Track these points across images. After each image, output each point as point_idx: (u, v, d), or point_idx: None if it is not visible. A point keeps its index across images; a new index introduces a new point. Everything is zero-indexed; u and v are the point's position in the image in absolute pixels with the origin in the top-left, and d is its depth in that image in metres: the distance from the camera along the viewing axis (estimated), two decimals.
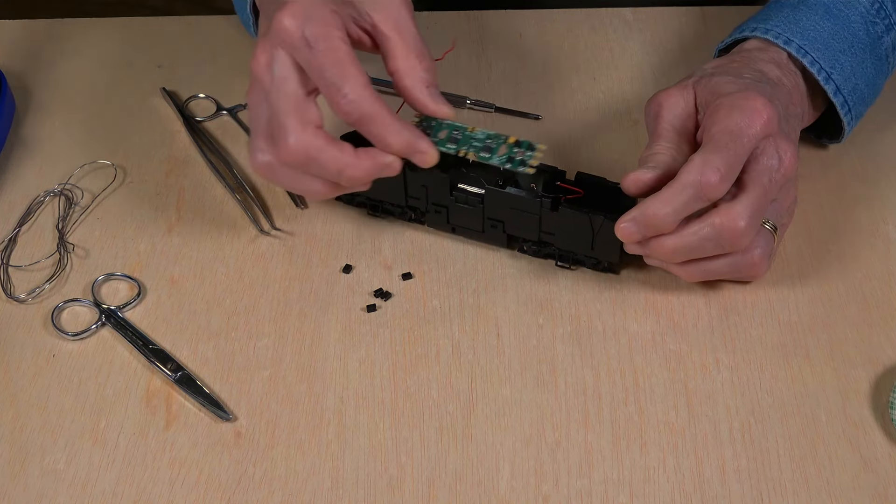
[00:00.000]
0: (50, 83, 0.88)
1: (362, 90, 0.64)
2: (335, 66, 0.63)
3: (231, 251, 0.76)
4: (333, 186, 0.67)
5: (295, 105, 0.65)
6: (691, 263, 0.68)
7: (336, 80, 0.63)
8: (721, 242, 0.66)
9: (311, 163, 0.65)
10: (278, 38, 0.64)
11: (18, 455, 0.66)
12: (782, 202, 0.69)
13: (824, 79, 0.73)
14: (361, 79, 0.64)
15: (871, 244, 0.75)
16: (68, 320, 0.72)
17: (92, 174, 0.81)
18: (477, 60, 0.89)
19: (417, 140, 0.66)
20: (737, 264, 0.68)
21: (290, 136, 0.64)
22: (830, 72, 0.73)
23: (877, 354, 0.69)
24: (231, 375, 0.69)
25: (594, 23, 0.91)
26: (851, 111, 0.75)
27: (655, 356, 0.69)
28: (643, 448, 0.65)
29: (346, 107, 0.64)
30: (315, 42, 0.63)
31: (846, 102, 0.74)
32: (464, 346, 0.70)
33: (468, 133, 0.69)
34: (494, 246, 0.75)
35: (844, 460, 0.64)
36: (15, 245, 0.77)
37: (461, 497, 0.63)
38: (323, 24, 0.64)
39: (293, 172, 0.66)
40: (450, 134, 0.69)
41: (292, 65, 0.65)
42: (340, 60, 0.64)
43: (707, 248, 0.66)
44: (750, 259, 0.68)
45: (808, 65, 0.72)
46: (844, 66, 0.73)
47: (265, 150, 0.66)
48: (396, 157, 0.66)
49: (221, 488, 0.64)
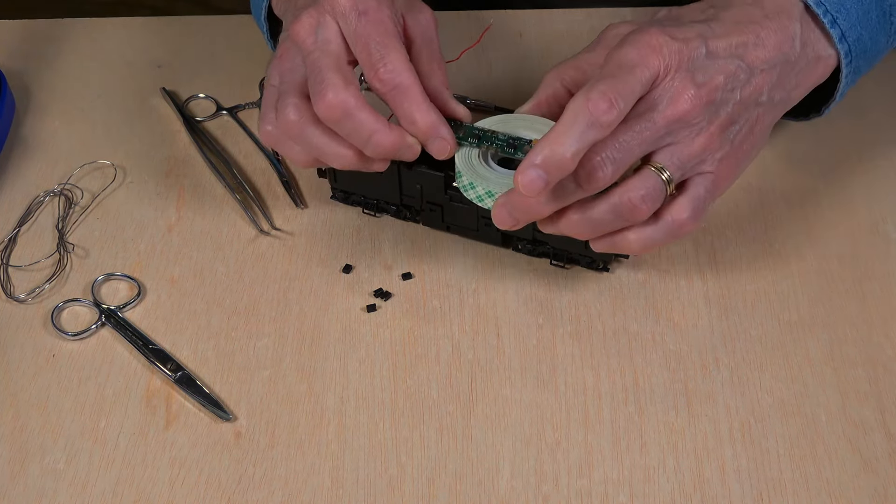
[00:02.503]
0: (50, 83, 0.88)
1: (404, 63, 0.66)
2: (381, 36, 0.66)
3: (231, 251, 0.76)
4: (357, 155, 0.68)
5: (337, 64, 0.66)
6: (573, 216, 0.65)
7: (380, 49, 0.66)
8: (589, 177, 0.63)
9: (347, 120, 0.65)
10: (328, 6, 0.67)
11: (18, 455, 0.66)
12: (683, 147, 0.65)
13: (830, 22, 0.68)
14: (403, 54, 0.66)
15: (871, 244, 0.75)
16: (68, 320, 0.72)
17: (92, 174, 0.81)
18: (477, 60, 0.89)
19: (441, 126, 0.67)
20: (616, 208, 0.64)
21: (330, 91, 0.65)
22: (836, 16, 0.68)
23: (877, 354, 0.69)
24: (231, 375, 0.69)
25: (594, 23, 0.91)
26: (853, 63, 0.70)
27: (655, 356, 0.69)
28: (643, 448, 0.65)
29: (386, 75, 0.66)
30: (365, 12, 0.66)
31: (850, 52, 0.69)
32: (464, 346, 0.70)
33: (488, 133, 0.69)
34: (489, 244, 0.75)
35: (844, 460, 0.64)
36: (15, 245, 0.77)
37: (461, 497, 0.63)
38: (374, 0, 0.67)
39: (322, 134, 0.67)
40: (469, 132, 0.69)
41: (338, 31, 0.67)
42: (387, 32, 0.66)
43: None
44: (628, 201, 0.64)
45: (814, 5, 0.67)
46: (850, 13, 0.69)
47: (299, 106, 0.67)
48: (417, 141, 0.67)
49: (221, 488, 0.64)
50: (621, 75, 0.63)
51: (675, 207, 0.66)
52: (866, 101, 0.83)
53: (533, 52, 0.89)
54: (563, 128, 0.61)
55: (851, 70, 0.71)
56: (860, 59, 0.71)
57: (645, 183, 0.64)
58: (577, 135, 0.61)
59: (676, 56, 0.64)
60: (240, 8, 0.95)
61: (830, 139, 0.81)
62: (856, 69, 0.71)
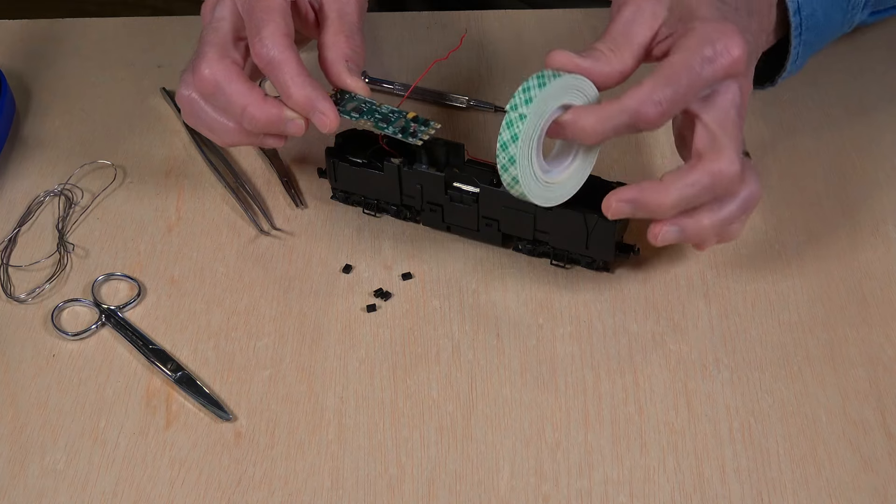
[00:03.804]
0: (50, 83, 0.88)
1: (279, 37, 0.67)
2: (263, 12, 0.67)
3: (231, 251, 0.76)
4: (237, 128, 0.69)
5: (221, 41, 0.68)
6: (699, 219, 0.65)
7: (258, 24, 0.67)
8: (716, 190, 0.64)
9: (219, 93, 0.67)
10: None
11: (18, 455, 0.66)
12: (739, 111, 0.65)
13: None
14: (283, 28, 0.67)
15: (871, 244, 0.75)
16: (68, 320, 0.72)
17: (92, 174, 0.81)
18: (477, 60, 0.89)
19: (320, 100, 0.67)
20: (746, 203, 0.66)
21: (204, 65, 0.67)
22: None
23: (877, 354, 0.69)
24: (231, 375, 0.69)
25: (594, 23, 0.91)
26: (802, 36, 0.71)
27: (655, 356, 0.69)
28: (643, 448, 0.65)
29: (259, 49, 0.67)
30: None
31: (801, 25, 0.70)
32: (464, 346, 0.70)
33: (374, 107, 0.70)
34: (490, 244, 0.75)
35: (844, 460, 0.64)
36: (15, 245, 0.77)
37: (461, 497, 0.63)
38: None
39: (205, 107, 0.69)
40: (357, 106, 0.69)
41: (231, 9, 0.69)
42: (270, 8, 0.67)
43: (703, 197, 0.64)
44: (752, 192, 0.65)
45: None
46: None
47: (188, 82, 0.69)
48: (299, 116, 0.68)
49: (221, 488, 0.64)
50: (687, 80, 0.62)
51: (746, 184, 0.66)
52: (866, 102, 0.83)
53: (533, 52, 0.89)
54: (608, 112, 0.62)
55: (801, 42, 0.71)
56: (810, 34, 0.71)
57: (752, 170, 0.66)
58: (613, 126, 0.62)
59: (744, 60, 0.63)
60: None
61: (830, 139, 0.81)
62: (805, 43, 0.71)
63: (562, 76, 0.64)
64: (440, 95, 0.85)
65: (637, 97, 0.62)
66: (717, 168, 0.63)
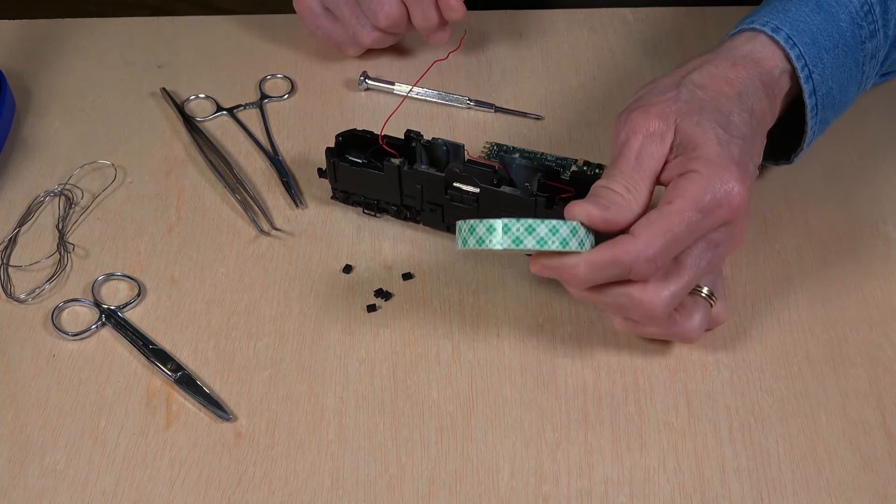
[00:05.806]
0: (50, 83, 0.88)
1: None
2: None
3: (231, 251, 0.76)
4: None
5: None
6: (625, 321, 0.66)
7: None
8: (633, 312, 0.64)
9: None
10: None
11: (18, 455, 0.66)
12: (721, 256, 0.65)
13: (805, 77, 0.69)
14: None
15: (871, 244, 0.75)
16: (68, 320, 0.72)
17: (92, 174, 0.81)
18: (477, 60, 0.89)
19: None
20: (670, 334, 0.67)
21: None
22: (812, 69, 0.69)
23: (877, 354, 0.69)
24: (231, 375, 0.69)
25: (594, 23, 0.91)
26: (818, 115, 0.71)
27: (655, 356, 0.69)
28: (643, 448, 0.65)
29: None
30: None
31: (816, 106, 0.70)
32: (464, 346, 0.70)
33: (539, 157, 0.69)
34: None
35: (844, 460, 0.64)
36: (15, 245, 0.77)
37: (461, 497, 0.63)
38: None
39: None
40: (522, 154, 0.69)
41: None
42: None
43: (619, 310, 0.64)
44: (681, 331, 0.66)
45: (795, 59, 0.68)
46: (826, 66, 0.70)
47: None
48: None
49: (221, 488, 0.64)
50: (685, 236, 0.61)
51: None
52: (866, 102, 0.83)
53: (533, 52, 0.89)
54: (602, 261, 0.61)
55: (817, 122, 0.71)
56: (827, 112, 0.71)
57: (702, 309, 0.66)
58: (605, 275, 0.62)
59: (743, 206, 0.62)
60: (240, 8, 0.95)
61: (830, 139, 0.81)
62: (822, 121, 0.71)
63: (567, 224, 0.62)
64: (440, 95, 0.85)
65: (632, 253, 0.61)
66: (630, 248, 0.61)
